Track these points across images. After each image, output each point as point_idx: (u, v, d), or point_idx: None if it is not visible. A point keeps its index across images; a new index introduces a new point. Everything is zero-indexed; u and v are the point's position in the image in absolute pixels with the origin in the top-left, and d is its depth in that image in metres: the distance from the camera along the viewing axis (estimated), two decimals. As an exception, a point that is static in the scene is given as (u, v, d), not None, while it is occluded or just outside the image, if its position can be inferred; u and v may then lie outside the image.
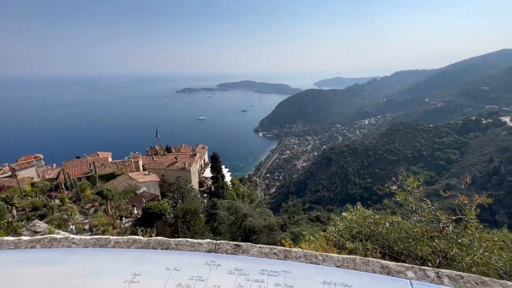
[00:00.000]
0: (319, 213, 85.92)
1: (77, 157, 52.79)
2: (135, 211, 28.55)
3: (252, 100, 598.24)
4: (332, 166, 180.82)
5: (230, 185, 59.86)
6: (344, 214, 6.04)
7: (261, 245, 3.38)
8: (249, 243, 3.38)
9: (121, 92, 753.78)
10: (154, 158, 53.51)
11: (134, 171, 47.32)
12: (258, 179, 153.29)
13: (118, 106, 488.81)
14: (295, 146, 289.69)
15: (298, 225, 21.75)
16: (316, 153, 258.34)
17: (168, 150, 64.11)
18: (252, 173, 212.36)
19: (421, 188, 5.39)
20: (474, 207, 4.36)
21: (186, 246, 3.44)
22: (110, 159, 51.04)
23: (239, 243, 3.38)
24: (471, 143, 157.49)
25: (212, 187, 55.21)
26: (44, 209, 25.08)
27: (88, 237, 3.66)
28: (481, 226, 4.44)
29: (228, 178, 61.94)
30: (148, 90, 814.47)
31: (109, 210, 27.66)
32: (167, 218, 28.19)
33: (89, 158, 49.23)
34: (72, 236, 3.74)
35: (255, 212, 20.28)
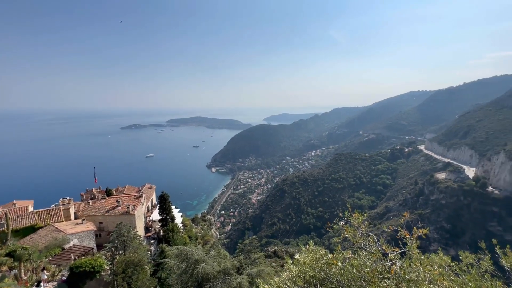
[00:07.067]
0: (276, 247, 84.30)
1: (-16, 210, 42.57)
2: (45, 275, 22.96)
3: (204, 136, 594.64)
4: (285, 198, 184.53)
5: (182, 227, 55.15)
6: (297, 256, 5.89)
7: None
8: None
9: (56, 129, 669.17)
10: (90, 203, 46.60)
11: (63, 221, 40.09)
12: (212, 217, 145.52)
13: (50, 145, 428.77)
14: (249, 180, 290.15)
15: (255, 265, 20.65)
16: (269, 186, 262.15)
17: (109, 193, 56.87)
18: (206, 211, 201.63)
19: (366, 223, 5.66)
20: (415, 240, 4.69)
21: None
22: (31, 209, 42.50)
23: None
24: (399, 168, 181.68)
25: (161, 231, 49.90)
26: None
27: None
28: (422, 257, 4.74)
29: (179, 219, 57.21)
30: (88, 127, 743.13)
31: (22, 275, 22.10)
32: (102, 276, 23.78)
33: (0, 209, 40.17)
34: None
35: (209, 256, 18.67)
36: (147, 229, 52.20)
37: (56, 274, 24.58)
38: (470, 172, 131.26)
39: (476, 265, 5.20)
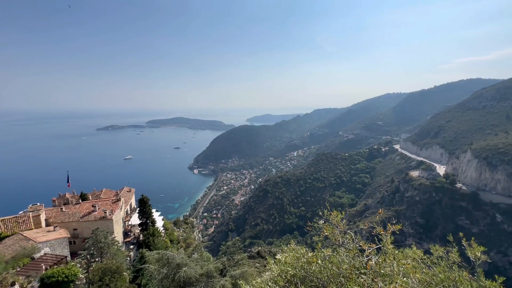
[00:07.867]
0: (260, 248, 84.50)
1: None
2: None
3: (186, 137, 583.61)
4: (268, 198, 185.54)
5: (163, 231, 53.65)
6: (278, 256, 6.00)
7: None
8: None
9: (24, 131, 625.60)
10: (64, 209, 44.02)
11: (32, 229, 37.53)
12: (195, 219, 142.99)
13: (17, 148, 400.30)
14: (232, 181, 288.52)
15: (238, 267, 20.57)
16: (253, 186, 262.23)
17: (84, 197, 54.11)
18: (188, 213, 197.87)
19: (344, 221, 5.87)
20: (389, 235, 4.95)
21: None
22: (-5, 217, 39.41)
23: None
24: (377, 167, 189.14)
25: (141, 235, 48.22)
26: None
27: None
28: (396, 252, 5.02)
29: (160, 223, 55.61)
30: (61, 128, 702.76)
31: (-13, 289, 20.40)
32: (77, 285, 22.55)
33: (-40, 219, 36.84)
34: None
35: (191, 259, 18.33)
36: (126, 234, 50.25)
37: (25, 286, 22.95)
38: (441, 169, 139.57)
39: (445, 257, 5.56)
